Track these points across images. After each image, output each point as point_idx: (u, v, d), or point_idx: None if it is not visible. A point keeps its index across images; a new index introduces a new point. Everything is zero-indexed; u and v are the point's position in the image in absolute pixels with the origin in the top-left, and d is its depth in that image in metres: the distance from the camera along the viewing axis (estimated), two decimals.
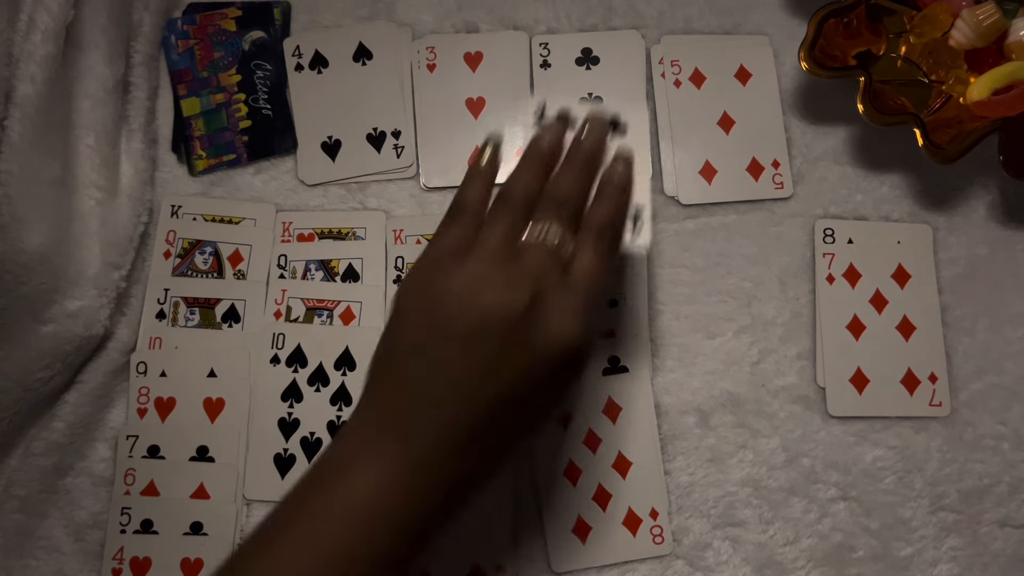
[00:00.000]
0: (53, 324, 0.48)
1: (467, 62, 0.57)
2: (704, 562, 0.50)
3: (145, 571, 0.49)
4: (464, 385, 0.36)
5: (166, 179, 0.56)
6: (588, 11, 0.58)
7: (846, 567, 0.50)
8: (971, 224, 0.55)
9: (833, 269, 0.54)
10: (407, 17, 0.58)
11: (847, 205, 0.55)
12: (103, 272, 0.50)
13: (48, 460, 0.50)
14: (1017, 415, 0.52)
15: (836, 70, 0.52)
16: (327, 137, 0.56)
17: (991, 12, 0.50)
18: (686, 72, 0.57)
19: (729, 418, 0.52)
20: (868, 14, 0.53)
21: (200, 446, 0.51)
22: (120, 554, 0.49)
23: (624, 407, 0.51)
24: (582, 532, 0.50)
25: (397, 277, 0.54)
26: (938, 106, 0.53)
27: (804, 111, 0.57)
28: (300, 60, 0.57)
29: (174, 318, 0.53)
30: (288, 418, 0.51)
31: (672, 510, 0.51)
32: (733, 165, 0.55)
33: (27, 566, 0.50)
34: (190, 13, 0.58)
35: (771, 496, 0.51)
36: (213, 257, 0.54)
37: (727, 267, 0.54)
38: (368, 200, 0.55)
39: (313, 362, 0.52)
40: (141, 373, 0.52)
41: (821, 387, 0.53)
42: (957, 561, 0.50)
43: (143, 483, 0.50)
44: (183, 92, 0.56)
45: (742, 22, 0.58)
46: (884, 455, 0.52)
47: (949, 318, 0.54)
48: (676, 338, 0.53)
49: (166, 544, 0.49)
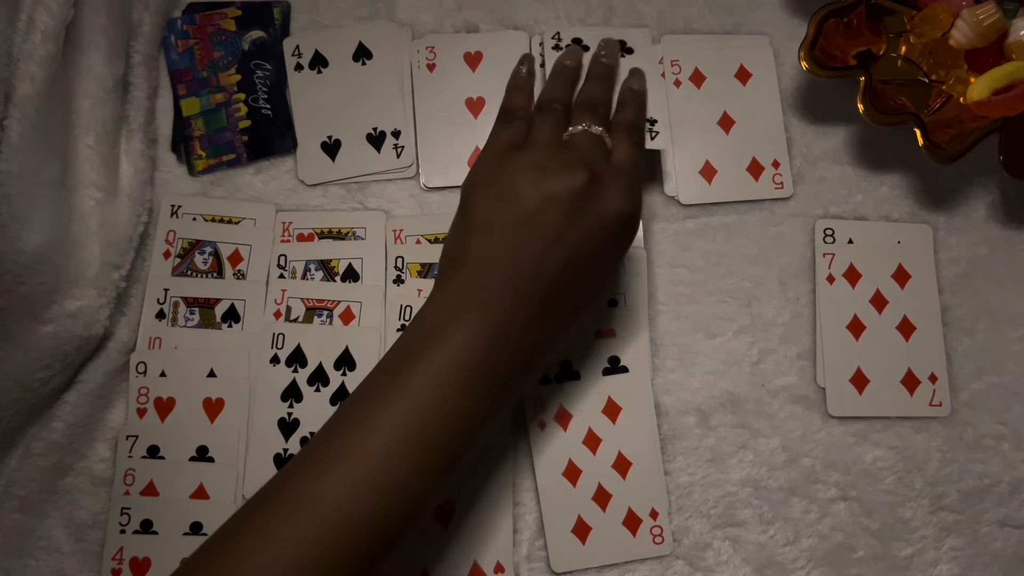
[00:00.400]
0: (53, 324, 0.48)
1: (467, 62, 0.57)
2: (704, 562, 0.50)
3: (145, 571, 0.49)
4: (537, 256, 0.41)
5: (166, 179, 0.56)
6: (588, 11, 0.58)
7: (846, 567, 0.50)
8: (971, 224, 0.55)
9: (833, 269, 0.54)
10: (407, 17, 0.58)
11: (847, 205, 0.55)
12: (103, 272, 0.50)
13: (48, 460, 0.50)
14: (1017, 415, 0.52)
15: (836, 70, 0.52)
16: (327, 137, 0.56)
17: (991, 12, 0.50)
18: (686, 72, 0.56)
19: (729, 418, 0.52)
20: (868, 14, 0.53)
21: (200, 446, 0.51)
22: (120, 554, 0.49)
23: (624, 407, 0.51)
24: (582, 532, 0.50)
25: (397, 277, 0.54)
26: (938, 106, 0.53)
27: (804, 111, 0.57)
28: (300, 60, 0.57)
29: (174, 318, 0.53)
30: (288, 418, 0.51)
31: (672, 510, 0.51)
32: (733, 165, 0.55)
33: (27, 566, 0.50)
34: (190, 13, 0.57)
35: (771, 496, 0.51)
36: (213, 257, 0.54)
37: (727, 267, 0.54)
38: (368, 200, 0.55)
39: (313, 362, 0.52)
40: (141, 373, 0.52)
41: (821, 387, 0.53)
42: (957, 561, 0.50)
43: (143, 483, 0.50)
44: (183, 92, 0.56)
45: (742, 22, 0.58)
46: (884, 455, 0.52)
47: (949, 318, 0.54)
48: (676, 338, 0.53)
49: (166, 544, 0.49)
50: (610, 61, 0.52)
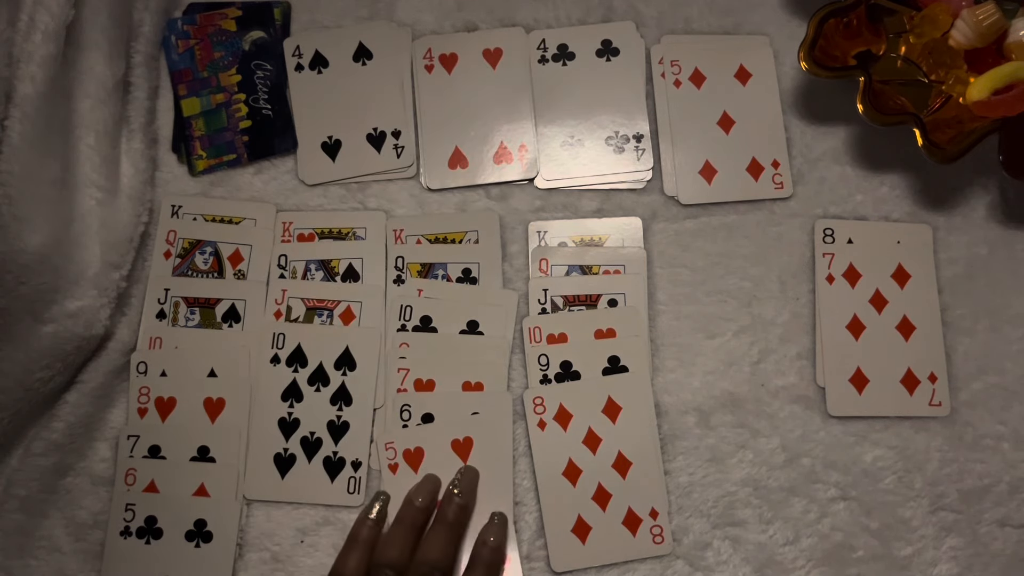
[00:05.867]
0: (53, 324, 0.48)
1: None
2: (704, 562, 0.50)
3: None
4: None
5: (166, 179, 0.56)
6: (588, 11, 0.58)
7: (846, 567, 0.50)
8: (971, 224, 0.55)
9: (833, 269, 0.54)
10: (407, 17, 0.58)
11: (847, 205, 0.55)
12: (103, 272, 0.50)
13: (48, 460, 0.50)
14: (1017, 415, 0.52)
15: (836, 70, 0.52)
16: (327, 137, 0.56)
17: (991, 12, 0.50)
18: (686, 72, 0.57)
19: (729, 418, 0.52)
20: (868, 14, 0.53)
21: (201, 446, 0.51)
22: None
23: (624, 407, 0.51)
24: (582, 532, 0.50)
25: (397, 277, 0.54)
26: (938, 106, 0.53)
27: (804, 111, 0.57)
28: (300, 60, 0.57)
29: (174, 318, 0.53)
30: (288, 418, 0.51)
31: (672, 510, 0.51)
32: (733, 165, 0.55)
33: (27, 566, 0.50)
34: (190, 13, 0.58)
35: (771, 496, 0.51)
36: (213, 257, 0.54)
37: (727, 267, 0.54)
38: (368, 200, 0.55)
39: (313, 362, 0.52)
40: (141, 373, 0.52)
41: (821, 387, 0.53)
42: (957, 561, 0.50)
43: (144, 483, 0.50)
44: (183, 92, 0.56)
45: (742, 22, 0.58)
46: (884, 455, 0.52)
47: (949, 318, 0.54)
48: (676, 338, 0.53)
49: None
50: (464, 500, 0.47)
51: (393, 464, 0.50)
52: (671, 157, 0.55)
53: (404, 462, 0.50)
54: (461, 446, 0.50)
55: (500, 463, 0.51)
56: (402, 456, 0.50)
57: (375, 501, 0.48)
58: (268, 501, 0.51)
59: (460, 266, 0.54)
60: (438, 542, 0.46)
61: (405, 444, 0.50)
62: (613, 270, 0.54)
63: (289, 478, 0.51)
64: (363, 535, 0.46)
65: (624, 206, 0.55)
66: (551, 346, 0.52)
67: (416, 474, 0.50)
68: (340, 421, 0.51)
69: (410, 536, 0.46)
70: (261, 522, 0.51)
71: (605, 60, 0.57)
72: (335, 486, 0.51)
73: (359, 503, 0.51)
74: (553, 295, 0.53)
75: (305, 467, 0.51)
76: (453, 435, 0.51)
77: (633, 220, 0.55)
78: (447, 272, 0.54)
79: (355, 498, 0.51)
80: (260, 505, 0.51)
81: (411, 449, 0.50)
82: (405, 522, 0.47)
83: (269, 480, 0.51)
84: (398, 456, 0.50)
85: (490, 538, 0.47)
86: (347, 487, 0.51)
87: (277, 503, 0.51)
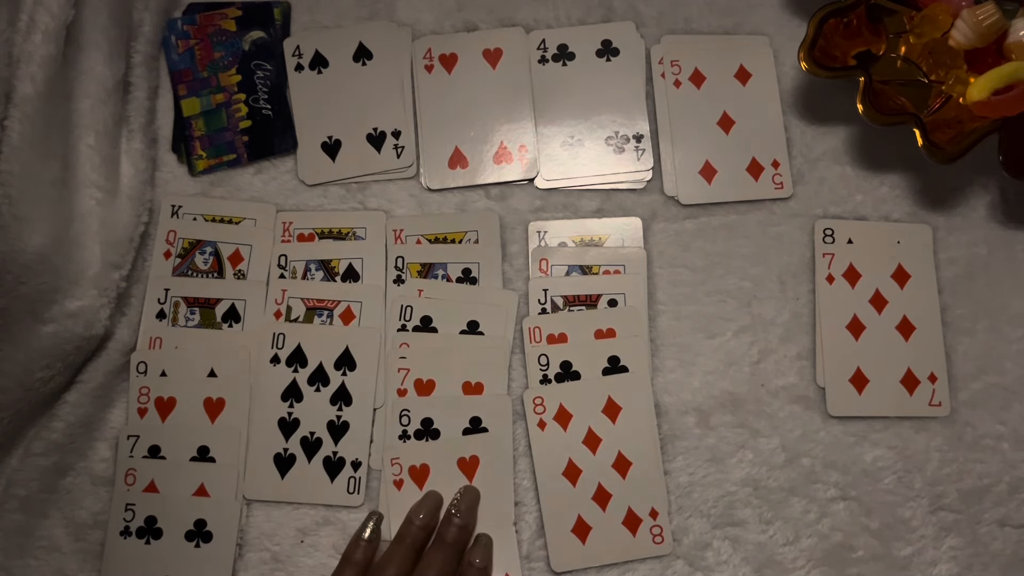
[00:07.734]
0: (53, 324, 0.48)
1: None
2: (704, 562, 0.50)
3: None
4: None
5: (166, 179, 0.56)
6: (588, 11, 0.58)
7: (846, 567, 0.50)
8: (971, 224, 0.55)
9: (833, 269, 0.54)
10: (407, 17, 0.58)
11: (847, 205, 0.55)
12: (103, 272, 0.50)
13: (48, 460, 0.50)
14: (1017, 415, 0.52)
15: (836, 70, 0.52)
16: (327, 137, 0.56)
17: (991, 12, 0.50)
18: (686, 72, 0.57)
19: (729, 418, 0.52)
20: (868, 14, 0.53)
21: (201, 446, 0.51)
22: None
23: (624, 407, 0.51)
24: (582, 532, 0.50)
25: (397, 277, 0.54)
26: (938, 106, 0.53)
27: (804, 111, 0.57)
28: (300, 60, 0.57)
29: (174, 318, 0.53)
30: (288, 418, 0.51)
31: (672, 510, 0.51)
32: (733, 165, 0.55)
33: (27, 566, 0.50)
34: (190, 13, 0.58)
35: (771, 496, 0.51)
36: (213, 257, 0.54)
37: (727, 267, 0.54)
38: (368, 200, 0.55)
39: (313, 362, 0.52)
40: (141, 373, 0.52)
41: (821, 387, 0.53)
42: (957, 561, 0.50)
43: (144, 483, 0.50)
44: (183, 92, 0.56)
45: (742, 22, 0.58)
46: (884, 455, 0.52)
47: (949, 318, 0.54)
48: (676, 338, 0.53)
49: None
50: (463, 521, 0.48)
51: (398, 480, 0.50)
52: (671, 157, 0.56)
53: (409, 478, 0.50)
54: (467, 464, 0.50)
55: (501, 464, 0.51)
56: (407, 472, 0.50)
57: (368, 521, 0.48)
58: (268, 501, 0.51)
59: (460, 266, 0.54)
60: (435, 563, 0.46)
61: (410, 460, 0.50)
62: (613, 270, 0.54)
63: (289, 478, 0.51)
64: (356, 556, 0.47)
65: (624, 206, 0.55)
66: (551, 346, 0.52)
67: (421, 490, 0.50)
68: (340, 421, 0.51)
69: (408, 555, 0.46)
70: (261, 522, 0.51)
71: (605, 60, 0.57)
72: (335, 486, 0.51)
73: (359, 503, 0.51)
74: (553, 295, 0.53)
75: (305, 467, 0.51)
76: (459, 453, 0.50)
77: (633, 220, 0.55)
78: (447, 272, 0.54)
79: (355, 498, 0.51)
80: (260, 505, 0.51)
81: (416, 466, 0.50)
82: (404, 541, 0.47)
83: (269, 480, 0.51)
84: (403, 472, 0.50)
85: (476, 559, 0.47)
86: (347, 487, 0.51)
87: (277, 503, 0.51)
